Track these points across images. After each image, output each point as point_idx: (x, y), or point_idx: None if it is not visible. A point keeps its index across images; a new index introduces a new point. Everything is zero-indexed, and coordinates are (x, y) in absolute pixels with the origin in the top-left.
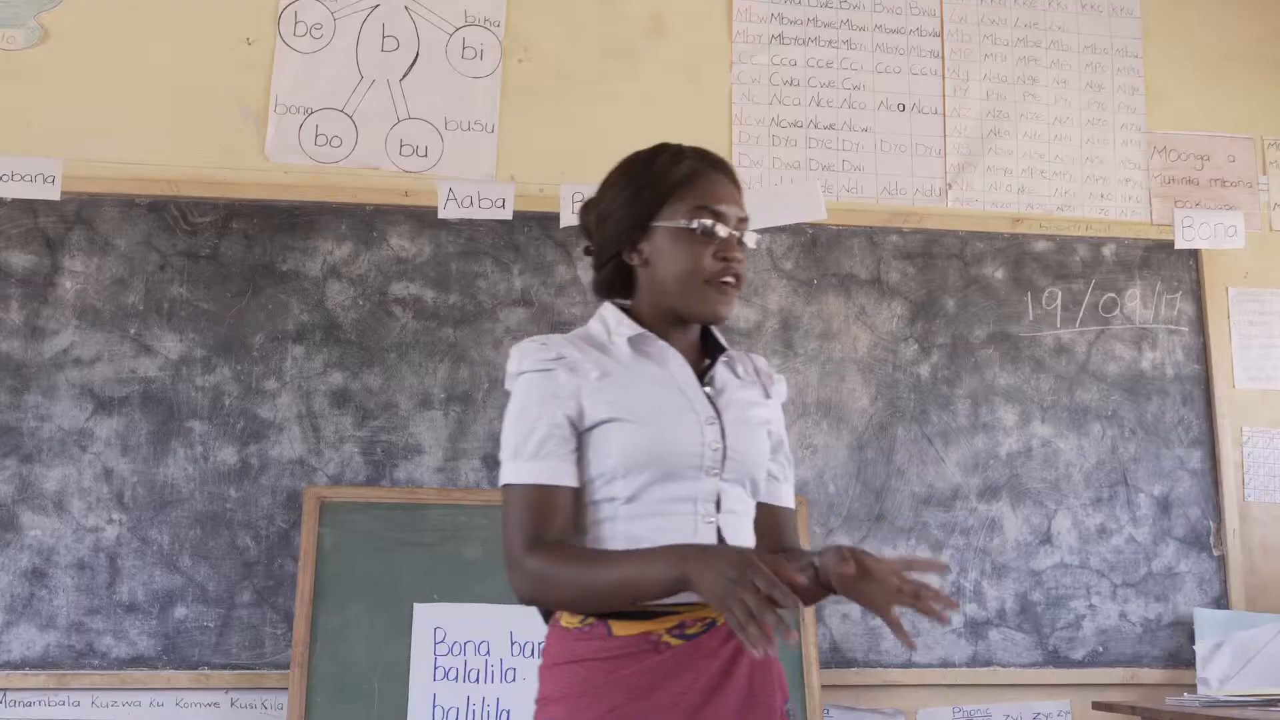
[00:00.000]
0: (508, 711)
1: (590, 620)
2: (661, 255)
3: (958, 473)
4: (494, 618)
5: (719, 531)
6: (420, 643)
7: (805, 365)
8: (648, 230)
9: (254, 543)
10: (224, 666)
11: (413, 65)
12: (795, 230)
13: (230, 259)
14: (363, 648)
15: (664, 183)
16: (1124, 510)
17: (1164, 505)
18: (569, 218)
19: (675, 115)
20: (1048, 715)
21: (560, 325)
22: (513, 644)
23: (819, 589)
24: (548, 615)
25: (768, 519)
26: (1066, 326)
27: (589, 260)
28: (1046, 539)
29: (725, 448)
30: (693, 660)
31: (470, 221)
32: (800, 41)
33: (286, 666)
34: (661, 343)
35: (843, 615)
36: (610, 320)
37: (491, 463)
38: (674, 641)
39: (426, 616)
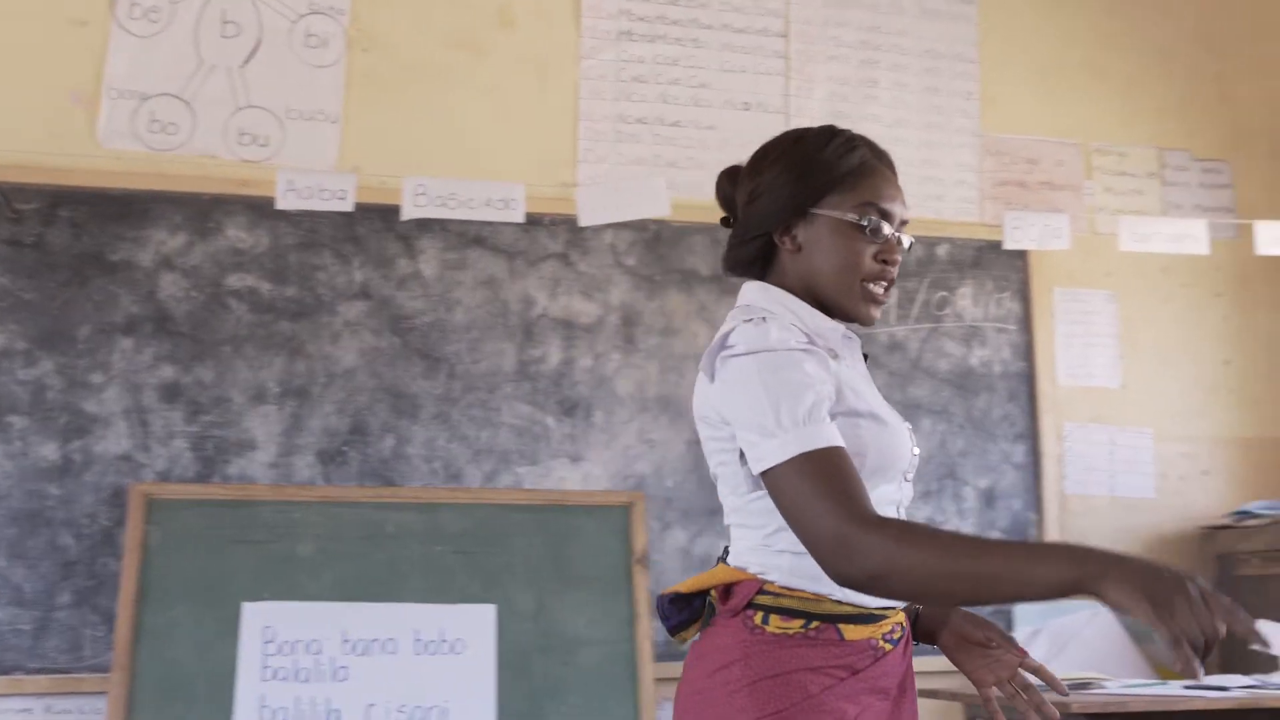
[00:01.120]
0: (338, 711)
1: (816, 624)
2: (819, 245)
3: None
4: (326, 616)
5: None
6: (248, 642)
7: (646, 361)
8: (807, 215)
9: (75, 541)
10: (39, 671)
11: (254, 52)
12: (638, 226)
13: (56, 248)
14: (188, 649)
15: (835, 170)
16: (951, 503)
17: (989, 498)
18: (412, 210)
19: (522, 109)
20: None
21: (401, 319)
22: (344, 642)
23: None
24: (681, 626)
25: None
26: (901, 324)
27: (725, 232)
28: None
29: (917, 452)
30: (890, 666)
31: (310, 213)
32: (648, 39)
33: (107, 670)
34: (857, 341)
35: None
36: (799, 310)
37: (327, 457)
38: (887, 647)
39: (256, 616)
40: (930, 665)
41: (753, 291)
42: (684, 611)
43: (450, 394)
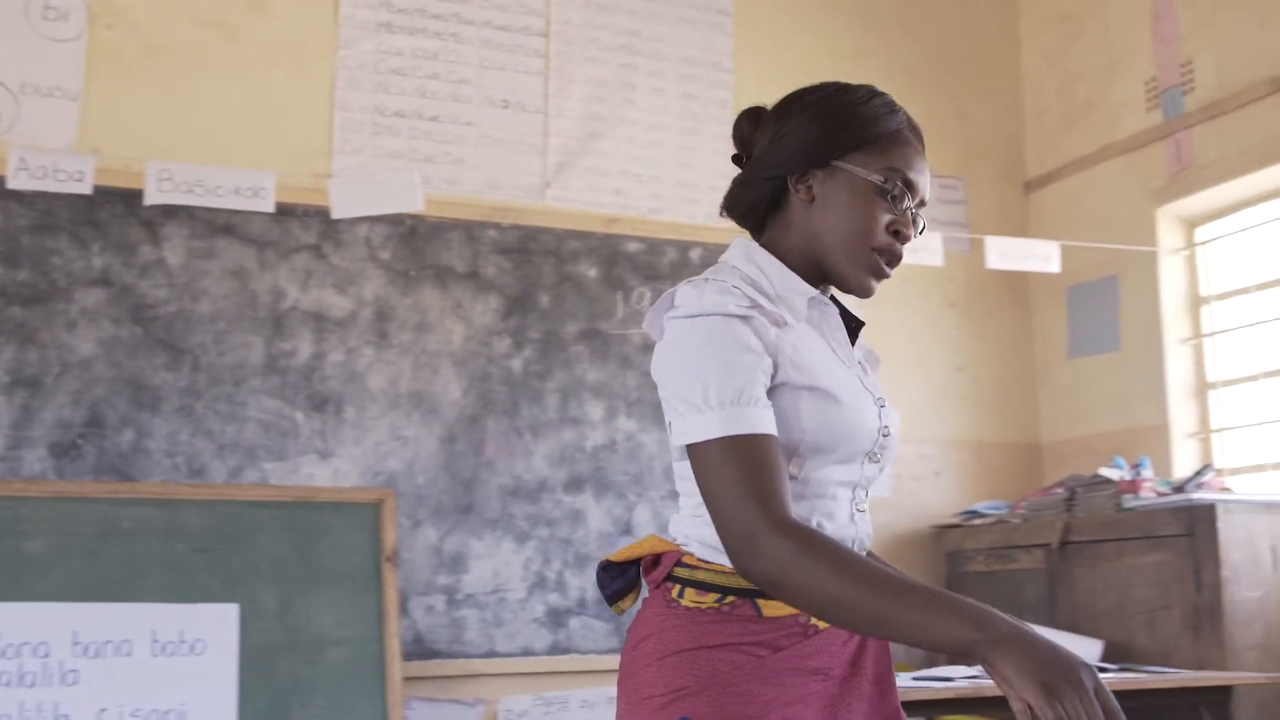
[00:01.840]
0: (66, 716)
1: (731, 599)
2: (833, 201)
3: (545, 465)
4: (55, 616)
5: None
6: None
7: (399, 357)
8: (828, 167)
9: None
10: None
11: None
12: (394, 220)
13: None
14: None
15: (870, 128)
16: None
17: None
18: (155, 195)
19: (275, 96)
20: None
21: (143, 308)
22: (75, 644)
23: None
24: (617, 596)
25: None
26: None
27: (735, 168)
28: (627, 530)
29: (889, 432)
30: (831, 645)
31: (45, 194)
32: (408, 31)
33: None
34: (833, 309)
35: (427, 607)
36: (770, 270)
37: (60, 451)
38: (821, 625)
39: None
40: None
41: (733, 249)
42: (618, 580)
43: (194, 386)
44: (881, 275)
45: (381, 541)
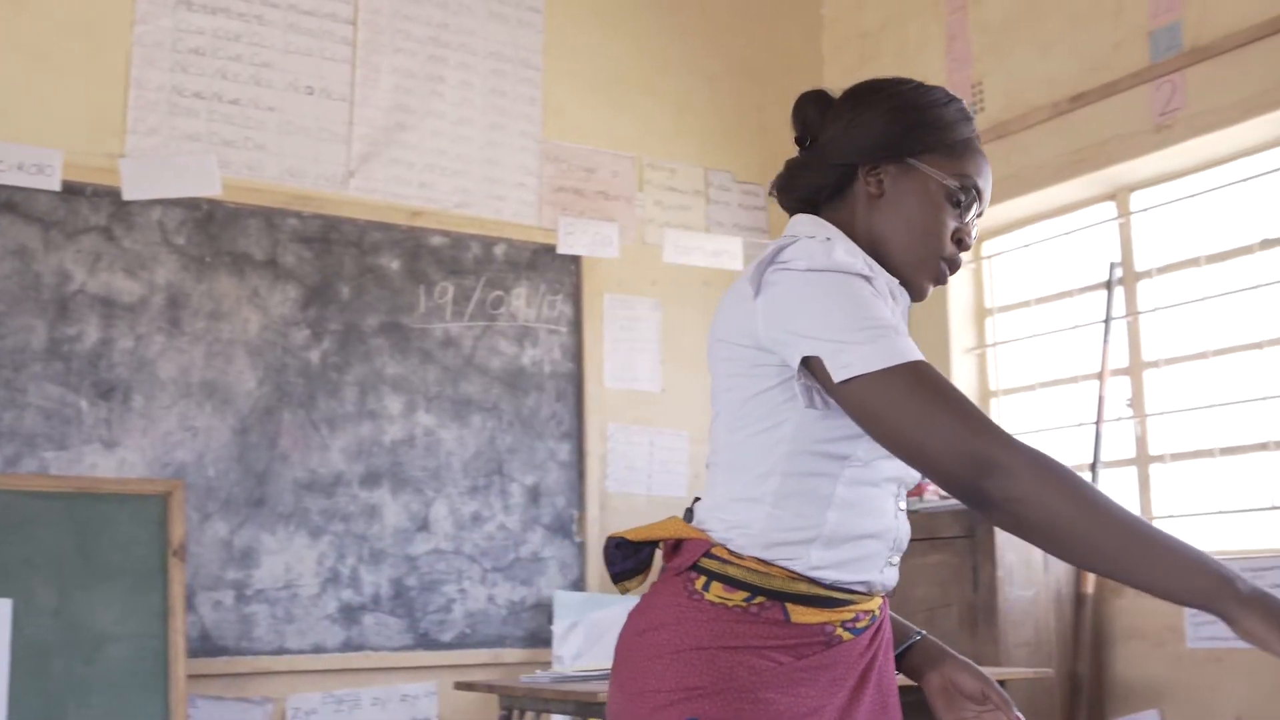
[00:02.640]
0: None
1: (760, 599)
2: (904, 200)
3: (341, 459)
4: None
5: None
6: None
7: (191, 345)
8: (902, 163)
9: None
10: None
11: None
12: (190, 205)
13: None
14: None
15: (949, 132)
16: (498, 499)
17: (534, 494)
18: None
19: (65, 71)
20: (415, 697)
21: None
22: None
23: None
24: (624, 575)
25: None
26: (456, 320)
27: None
28: (424, 525)
29: None
30: (849, 657)
31: None
32: (208, 10)
33: None
34: (907, 299)
35: (215, 602)
36: (855, 252)
37: None
38: (845, 635)
39: None
40: (471, 659)
41: (804, 224)
42: (629, 560)
43: None
44: (941, 281)
45: (168, 535)
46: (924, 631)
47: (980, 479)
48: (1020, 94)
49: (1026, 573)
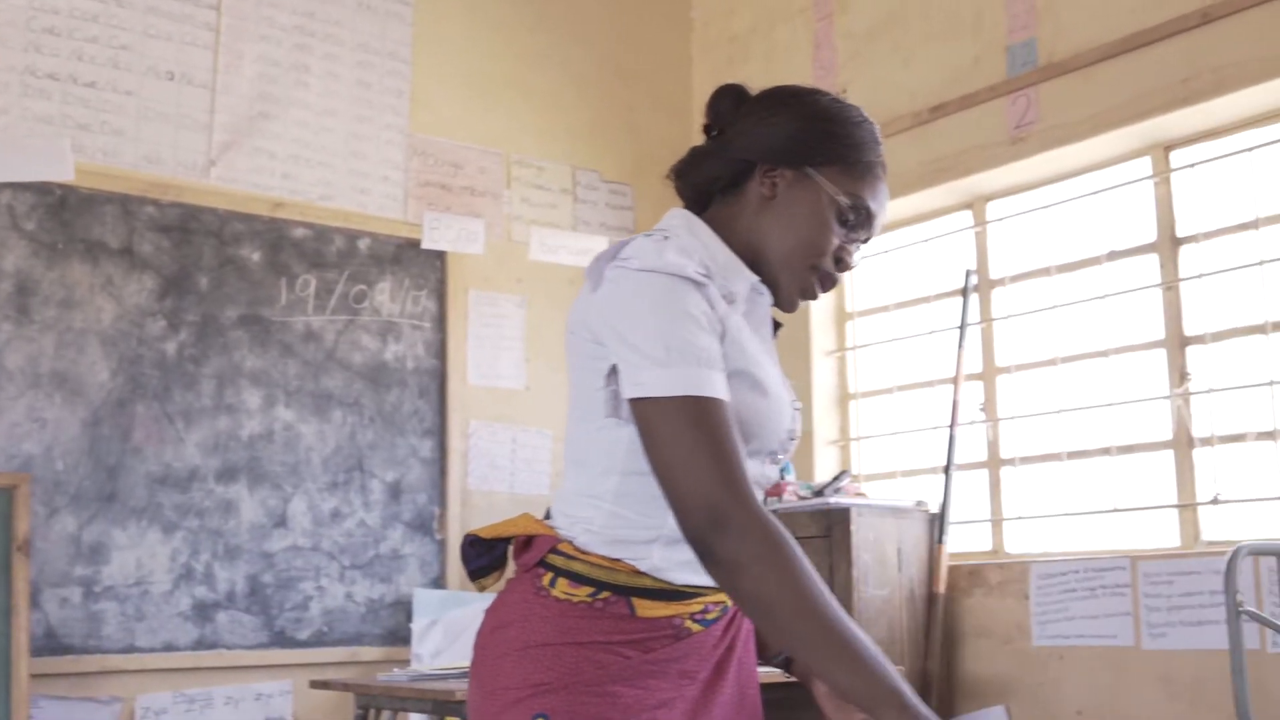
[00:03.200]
0: None
1: (605, 594)
2: (794, 207)
3: (197, 454)
4: None
5: None
6: None
7: (41, 334)
8: (801, 170)
9: None
10: None
11: None
12: (42, 189)
13: None
14: None
15: (856, 150)
16: (358, 495)
17: (395, 491)
18: None
19: None
20: (270, 696)
21: None
22: None
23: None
24: (481, 572)
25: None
26: (318, 314)
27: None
28: (281, 522)
29: (794, 436)
30: (701, 649)
31: None
32: None
33: None
34: (767, 300)
35: (61, 599)
36: (714, 247)
37: None
38: (695, 628)
39: None
40: (328, 658)
41: (673, 219)
42: (484, 557)
43: None
44: (811, 295)
45: (12, 529)
46: None
47: (712, 532)
48: (883, 102)
49: (881, 572)
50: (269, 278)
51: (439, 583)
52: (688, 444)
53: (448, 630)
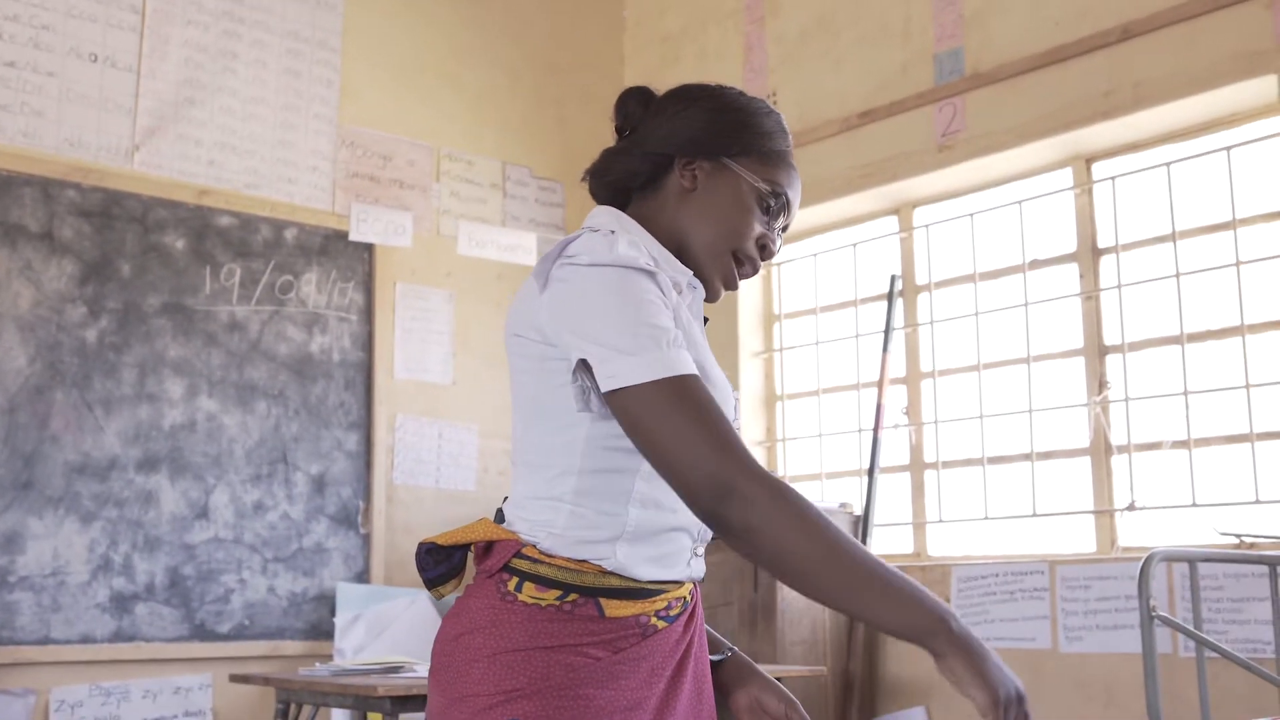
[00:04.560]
0: None
1: (574, 597)
2: (714, 197)
3: (117, 443)
4: None
5: None
6: None
7: None
8: (718, 161)
9: None
10: None
11: None
12: None
13: None
14: None
15: (766, 140)
16: (281, 487)
17: (320, 484)
18: None
19: None
20: (189, 689)
21: None
22: None
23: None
24: (438, 581)
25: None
26: (242, 304)
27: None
28: (203, 513)
29: (737, 424)
30: (665, 644)
31: None
32: None
33: None
34: (701, 294)
35: None
36: (647, 242)
37: None
38: (660, 625)
39: None
40: (249, 651)
41: (601, 217)
42: (442, 565)
43: None
44: (732, 284)
45: None
46: (735, 648)
47: (719, 503)
48: (812, 107)
49: None
50: (193, 266)
51: (363, 577)
52: (674, 424)
53: (371, 625)
